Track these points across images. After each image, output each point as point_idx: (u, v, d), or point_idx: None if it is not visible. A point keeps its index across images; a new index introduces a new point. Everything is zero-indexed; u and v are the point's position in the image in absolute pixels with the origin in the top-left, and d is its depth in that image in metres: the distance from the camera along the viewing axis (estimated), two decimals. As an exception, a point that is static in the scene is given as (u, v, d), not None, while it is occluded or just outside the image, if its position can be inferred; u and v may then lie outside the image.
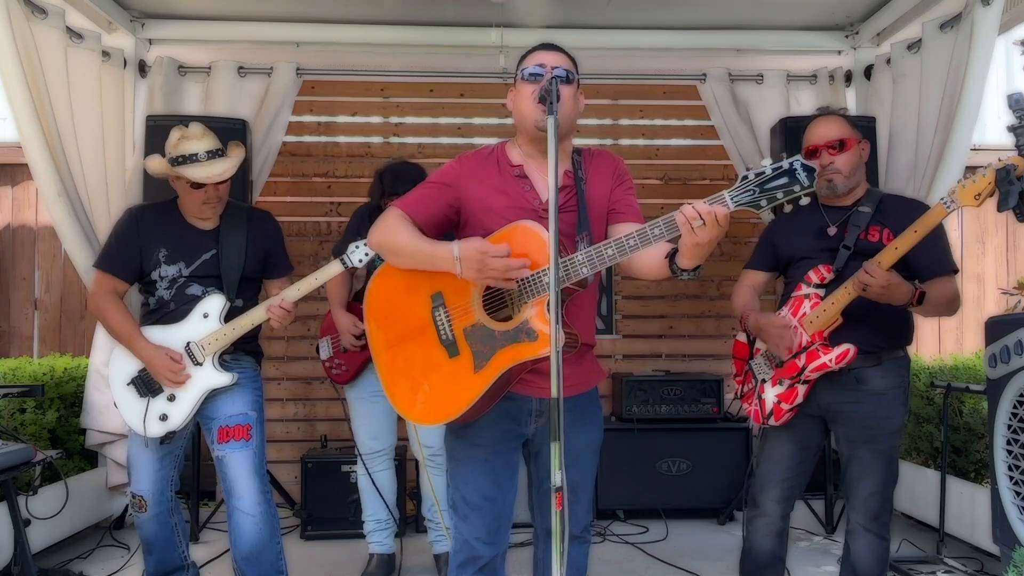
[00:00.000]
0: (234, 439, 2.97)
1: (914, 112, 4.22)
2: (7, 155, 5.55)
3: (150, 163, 3.05)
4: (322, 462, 4.38)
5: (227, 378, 2.96)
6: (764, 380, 2.84)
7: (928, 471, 4.21)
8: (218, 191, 2.97)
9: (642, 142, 5.49)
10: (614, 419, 4.78)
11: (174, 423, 2.94)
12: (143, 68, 4.58)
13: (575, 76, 2.30)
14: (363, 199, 3.96)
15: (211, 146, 2.96)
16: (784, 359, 2.75)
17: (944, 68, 3.99)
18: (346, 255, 3.07)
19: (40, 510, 3.39)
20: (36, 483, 3.39)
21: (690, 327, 5.42)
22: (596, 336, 2.46)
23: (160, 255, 2.99)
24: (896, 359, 2.78)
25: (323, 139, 5.37)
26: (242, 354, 3.08)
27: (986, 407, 3.24)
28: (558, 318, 1.90)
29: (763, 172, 1.96)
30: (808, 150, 2.82)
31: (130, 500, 3.07)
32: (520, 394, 2.28)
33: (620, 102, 5.43)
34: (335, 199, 5.29)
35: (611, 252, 2.10)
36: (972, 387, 3.73)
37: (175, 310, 2.98)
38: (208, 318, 2.96)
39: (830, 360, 2.66)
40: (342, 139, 5.38)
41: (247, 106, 4.59)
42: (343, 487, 4.29)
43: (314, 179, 5.34)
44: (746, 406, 2.93)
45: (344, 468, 4.32)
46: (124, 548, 4.12)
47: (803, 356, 2.71)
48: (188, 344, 2.95)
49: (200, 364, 2.95)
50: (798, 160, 1.95)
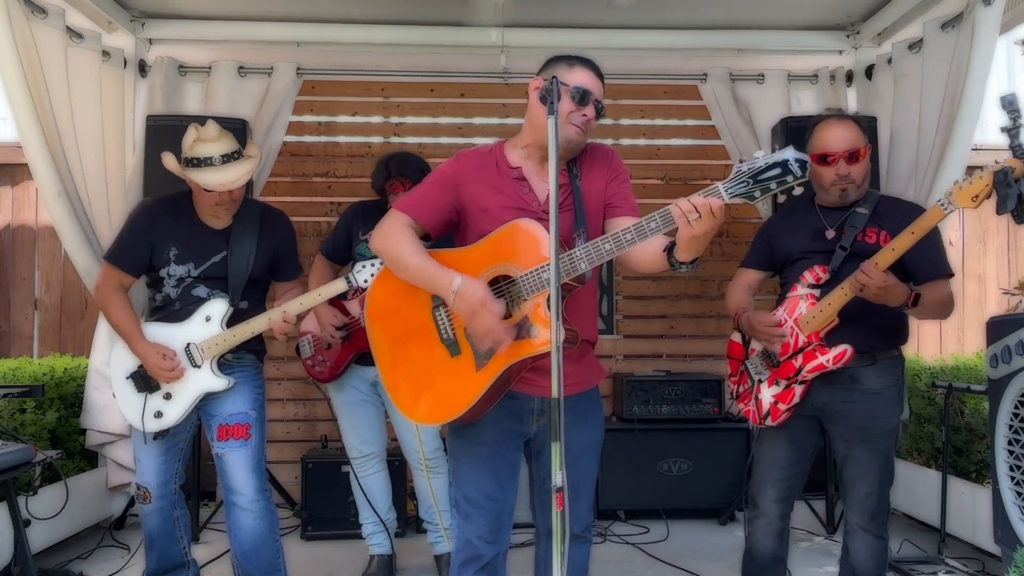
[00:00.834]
0: (233, 437, 2.99)
1: (915, 112, 4.21)
2: (7, 155, 5.54)
3: (166, 160, 3.00)
4: (322, 462, 4.38)
5: (223, 383, 2.97)
6: (760, 380, 2.84)
7: (929, 471, 4.20)
8: (232, 194, 2.94)
9: (643, 142, 5.48)
10: (615, 419, 4.78)
11: (168, 421, 2.96)
12: (143, 68, 4.58)
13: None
14: (364, 199, 3.95)
15: (226, 149, 2.91)
16: (781, 358, 2.75)
17: (945, 68, 3.99)
18: (352, 274, 3.08)
19: (40, 510, 3.39)
20: (36, 483, 3.40)
21: (691, 327, 5.42)
22: (597, 335, 2.47)
23: (171, 253, 2.98)
24: (891, 359, 2.77)
25: (323, 139, 5.37)
26: (244, 352, 3.08)
27: (987, 407, 3.23)
28: (558, 314, 1.91)
29: (756, 163, 1.98)
30: (821, 155, 2.71)
31: (135, 492, 3.11)
32: (522, 393, 2.29)
33: (621, 102, 5.41)
34: (335, 199, 5.28)
35: (608, 247, 2.12)
36: (973, 387, 3.72)
37: (179, 309, 2.99)
38: (210, 321, 2.97)
39: (827, 361, 2.65)
40: (342, 139, 5.37)
41: (247, 106, 4.59)
42: (343, 487, 4.26)
43: (314, 179, 5.33)
44: (742, 406, 2.92)
45: (344, 468, 4.29)
46: (124, 548, 4.12)
47: (800, 357, 2.70)
48: (188, 346, 2.96)
49: (198, 367, 2.96)
50: (790, 150, 1.97)
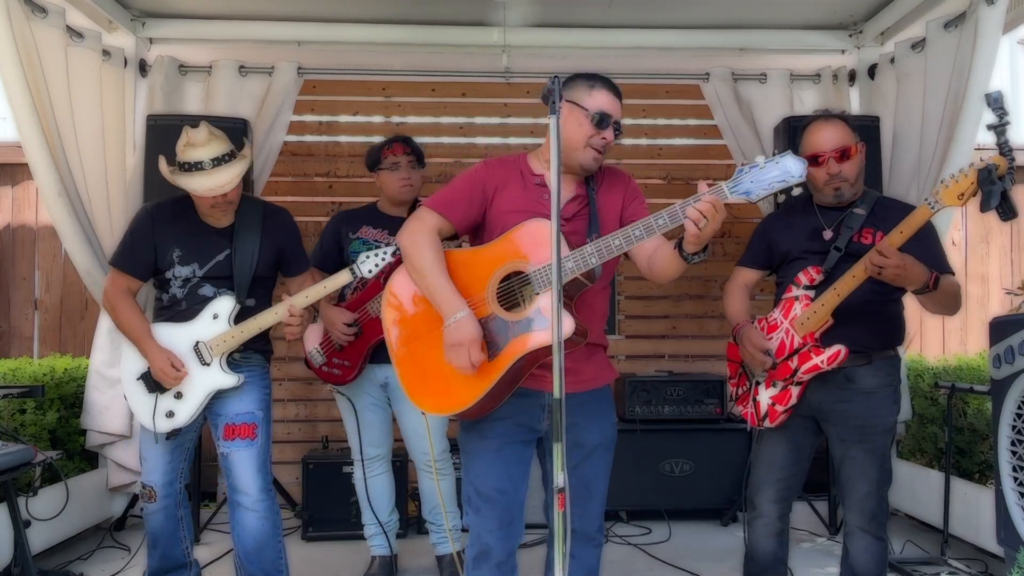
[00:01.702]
0: (239, 437, 3.00)
1: (918, 112, 4.20)
2: (7, 155, 5.54)
3: (160, 165, 2.99)
4: (323, 463, 4.37)
5: (233, 379, 2.97)
6: (758, 382, 2.84)
7: (932, 472, 4.19)
8: (226, 196, 2.92)
9: (645, 142, 5.47)
10: (617, 419, 4.75)
11: (180, 420, 2.97)
12: (143, 67, 4.57)
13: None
14: (364, 199, 3.94)
15: (217, 152, 2.88)
16: (778, 360, 2.74)
17: (948, 67, 3.98)
18: (356, 264, 3.06)
19: (40, 511, 3.39)
20: (36, 484, 3.40)
21: (693, 327, 5.41)
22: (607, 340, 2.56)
23: (174, 255, 2.99)
24: (886, 358, 2.78)
25: (324, 139, 5.36)
26: (251, 352, 3.09)
27: (990, 408, 3.23)
28: (561, 310, 1.96)
29: (756, 166, 2.10)
30: (811, 156, 2.73)
31: (140, 491, 3.12)
32: (533, 389, 2.35)
33: (623, 101, 5.38)
34: (336, 199, 5.27)
35: (618, 242, 2.22)
36: (976, 388, 3.71)
37: (186, 309, 2.99)
38: (218, 319, 2.97)
39: (822, 361, 2.66)
40: (343, 139, 5.36)
41: (248, 106, 4.58)
42: (344, 488, 4.26)
43: (315, 179, 5.32)
44: (741, 408, 2.92)
45: (345, 469, 4.29)
46: (125, 549, 4.11)
47: (796, 358, 2.71)
48: (197, 344, 2.96)
49: (208, 364, 2.96)
50: (789, 154, 2.10)
